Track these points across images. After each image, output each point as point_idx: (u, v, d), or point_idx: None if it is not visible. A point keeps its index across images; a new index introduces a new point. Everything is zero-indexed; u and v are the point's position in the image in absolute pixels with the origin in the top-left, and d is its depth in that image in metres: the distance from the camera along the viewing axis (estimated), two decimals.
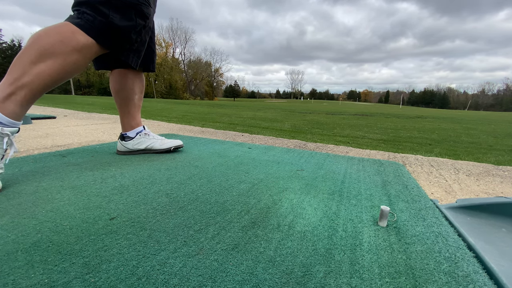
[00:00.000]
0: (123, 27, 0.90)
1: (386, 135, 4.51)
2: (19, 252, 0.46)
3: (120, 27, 0.89)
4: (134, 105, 1.26)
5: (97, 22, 0.84)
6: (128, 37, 0.95)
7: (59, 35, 0.79)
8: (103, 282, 0.40)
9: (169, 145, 1.27)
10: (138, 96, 1.26)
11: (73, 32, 0.81)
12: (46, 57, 0.77)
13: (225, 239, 0.54)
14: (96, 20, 0.84)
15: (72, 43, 0.80)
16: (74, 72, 0.85)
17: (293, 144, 1.88)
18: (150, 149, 1.26)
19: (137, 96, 1.26)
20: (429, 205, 0.76)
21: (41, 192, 0.73)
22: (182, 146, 1.33)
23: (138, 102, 1.28)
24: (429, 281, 0.44)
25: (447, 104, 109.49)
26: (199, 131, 2.43)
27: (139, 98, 1.28)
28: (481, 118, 14.03)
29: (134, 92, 1.24)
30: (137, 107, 1.28)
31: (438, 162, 1.46)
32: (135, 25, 0.94)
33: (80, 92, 40.09)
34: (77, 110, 4.81)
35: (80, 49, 0.83)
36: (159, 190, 0.78)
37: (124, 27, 0.90)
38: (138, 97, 1.26)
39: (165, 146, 1.26)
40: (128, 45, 0.98)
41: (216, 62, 65.53)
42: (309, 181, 0.94)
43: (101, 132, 2.11)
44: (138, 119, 1.29)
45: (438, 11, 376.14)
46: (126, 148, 1.24)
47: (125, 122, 1.26)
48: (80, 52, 0.83)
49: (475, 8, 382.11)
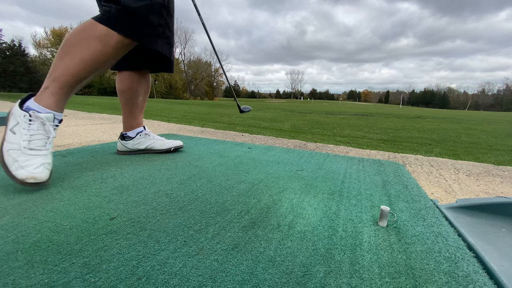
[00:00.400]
0: (138, 8, 0.85)
1: (386, 135, 4.51)
2: (19, 252, 0.46)
3: (135, 9, 0.85)
4: (136, 106, 1.26)
5: (113, 11, 0.84)
6: (147, 19, 0.89)
7: (80, 29, 0.85)
8: (103, 282, 0.40)
9: (169, 145, 1.28)
10: (142, 98, 1.26)
11: (92, 24, 0.84)
12: (70, 50, 0.83)
13: (225, 239, 0.54)
14: (111, 9, 0.84)
15: (91, 33, 0.84)
16: (99, 63, 0.86)
17: (293, 144, 1.88)
18: (150, 149, 1.26)
19: (141, 98, 1.25)
20: (429, 205, 0.76)
21: (41, 192, 0.73)
22: (183, 146, 1.34)
23: (141, 103, 1.27)
24: (429, 281, 0.44)
25: (447, 104, 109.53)
26: (199, 131, 2.43)
27: (143, 99, 1.27)
28: (481, 118, 14.03)
29: (138, 93, 1.24)
30: (139, 108, 1.28)
31: (438, 162, 1.46)
32: (151, 4, 0.87)
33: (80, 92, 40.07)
34: (77, 110, 4.81)
35: (99, 38, 0.84)
36: (159, 190, 0.78)
37: (139, 8, 0.86)
38: (142, 98, 1.26)
39: (166, 146, 1.27)
40: (149, 28, 0.91)
41: (216, 62, 65.57)
42: (309, 181, 0.94)
43: (101, 132, 2.11)
44: (139, 120, 1.29)
45: (439, 11, 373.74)
46: (126, 147, 1.24)
47: (127, 122, 1.26)
48: (100, 41, 0.84)
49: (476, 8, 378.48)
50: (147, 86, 1.27)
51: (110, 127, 2.40)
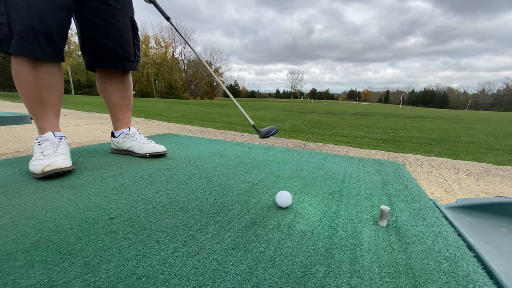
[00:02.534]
0: None
1: (386, 134, 4.51)
2: (19, 252, 0.46)
3: None
4: (113, 105, 1.24)
5: None
6: None
7: None
8: (103, 282, 0.40)
9: (146, 150, 1.18)
10: (116, 96, 1.23)
11: None
12: None
13: (225, 239, 0.54)
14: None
15: None
16: None
17: (293, 144, 1.88)
18: (131, 151, 1.22)
19: (114, 96, 1.23)
20: (429, 205, 0.76)
21: (41, 192, 0.73)
22: (164, 153, 1.21)
23: (119, 102, 1.24)
24: (429, 281, 0.44)
25: (447, 104, 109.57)
26: (199, 130, 2.43)
27: (120, 97, 1.24)
28: (481, 118, 14.03)
29: (109, 92, 1.22)
30: (118, 107, 1.25)
31: (438, 162, 1.46)
32: None
33: (80, 92, 40.07)
34: (77, 109, 4.81)
35: None
36: (159, 190, 0.78)
37: None
38: (117, 96, 1.23)
39: (142, 151, 1.19)
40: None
41: (216, 62, 65.50)
42: (309, 181, 0.94)
43: (101, 131, 2.11)
44: (122, 120, 1.27)
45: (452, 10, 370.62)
46: (114, 145, 1.27)
47: (112, 121, 1.30)
48: None
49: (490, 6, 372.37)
50: (121, 84, 1.23)
51: (110, 127, 2.40)
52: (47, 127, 1.00)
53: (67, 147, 1.01)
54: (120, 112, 1.26)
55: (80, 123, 2.63)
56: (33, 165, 0.87)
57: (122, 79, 1.23)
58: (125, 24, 1.13)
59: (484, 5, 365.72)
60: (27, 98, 0.96)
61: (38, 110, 0.98)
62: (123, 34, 1.13)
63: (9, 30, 0.83)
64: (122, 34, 1.13)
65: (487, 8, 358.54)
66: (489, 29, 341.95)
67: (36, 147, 0.95)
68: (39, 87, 0.95)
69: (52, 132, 0.99)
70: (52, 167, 0.85)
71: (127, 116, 1.29)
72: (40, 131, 1.01)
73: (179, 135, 1.88)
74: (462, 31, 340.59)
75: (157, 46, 49.89)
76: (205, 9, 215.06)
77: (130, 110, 1.31)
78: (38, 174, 0.84)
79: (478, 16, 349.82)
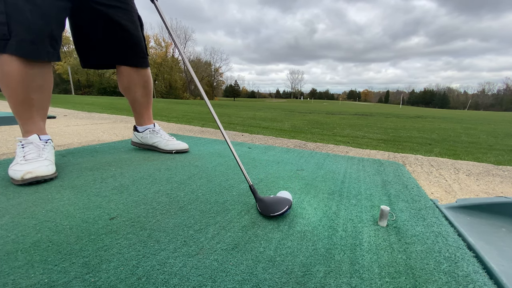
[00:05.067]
0: None
1: (386, 135, 4.51)
2: (19, 252, 0.46)
3: None
4: (137, 102, 1.28)
5: None
6: None
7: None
8: (103, 282, 0.40)
9: (172, 147, 1.28)
10: (140, 93, 1.26)
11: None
12: None
13: (225, 239, 0.54)
14: None
15: None
16: None
17: (293, 144, 1.88)
18: (156, 147, 1.30)
19: (138, 94, 1.25)
20: (429, 205, 0.76)
21: (41, 192, 0.73)
22: (187, 150, 1.31)
23: (142, 99, 1.27)
24: (429, 281, 0.44)
25: (447, 104, 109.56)
26: (199, 131, 2.43)
27: (143, 94, 1.27)
28: (481, 118, 14.03)
29: (132, 90, 1.24)
30: (142, 104, 1.29)
31: (438, 162, 1.46)
32: None
33: (80, 92, 40.04)
34: (77, 109, 4.81)
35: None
36: (159, 190, 0.78)
37: None
38: (140, 94, 1.26)
39: (169, 147, 1.28)
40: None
41: (216, 62, 65.46)
42: (309, 181, 0.94)
43: (101, 131, 2.11)
44: (145, 117, 1.32)
45: (456, 9, 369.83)
46: (137, 139, 1.33)
47: (135, 118, 1.34)
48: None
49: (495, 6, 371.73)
50: (142, 79, 1.25)
51: (110, 127, 2.40)
52: (32, 130, 0.95)
53: (52, 151, 0.96)
54: (144, 109, 1.31)
55: (80, 123, 2.63)
56: (12, 170, 0.81)
57: (144, 77, 1.26)
58: (135, 22, 1.15)
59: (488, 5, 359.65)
60: (13, 99, 0.91)
61: (24, 111, 0.93)
62: (136, 33, 1.16)
63: (8, 30, 0.81)
64: (136, 32, 1.15)
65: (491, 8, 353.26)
66: (492, 29, 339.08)
67: (18, 150, 0.89)
68: (28, 88, 0.90)
69: (38, 135, 0.94)
70: (33, 174, 0.79)
71: (150, 112, 1.34)
72: (25, 134, 0.96)
73: (179, 135, 1.89)
74: (465, 31, 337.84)
75: (157, 46, 49.86)
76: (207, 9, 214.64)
77: (151, 106, 1.36)
78: (17, 181, 0.78)
79: (482, 16, 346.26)
